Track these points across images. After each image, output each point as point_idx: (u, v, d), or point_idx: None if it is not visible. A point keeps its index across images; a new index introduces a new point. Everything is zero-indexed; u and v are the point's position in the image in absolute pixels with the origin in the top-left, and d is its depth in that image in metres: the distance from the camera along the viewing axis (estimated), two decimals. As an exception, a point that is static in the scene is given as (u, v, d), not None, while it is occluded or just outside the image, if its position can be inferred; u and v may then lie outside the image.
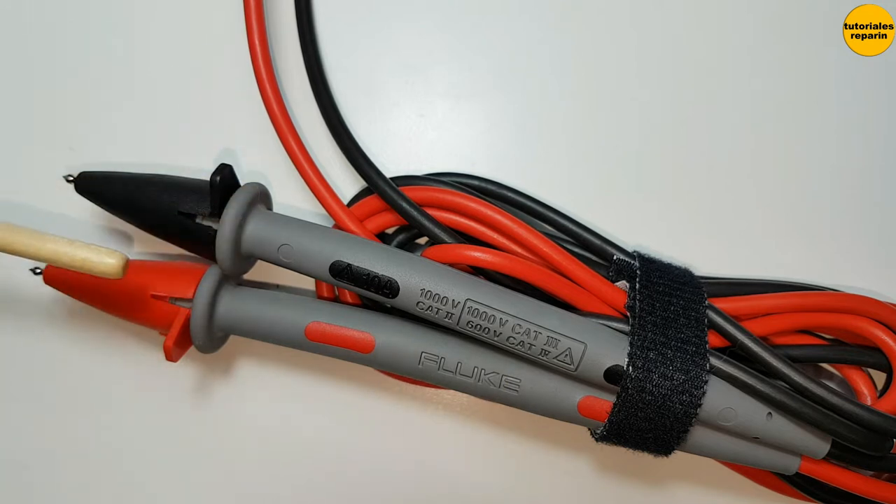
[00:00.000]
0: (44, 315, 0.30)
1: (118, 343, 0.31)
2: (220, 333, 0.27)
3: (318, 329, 0.26)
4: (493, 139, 0.30)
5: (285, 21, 0.29)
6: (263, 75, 0.27)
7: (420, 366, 0.25)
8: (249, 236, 0.25)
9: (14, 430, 0.31)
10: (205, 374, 0.31)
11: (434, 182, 0.27)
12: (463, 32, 0.30)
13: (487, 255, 0.25)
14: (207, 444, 0.31)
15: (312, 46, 0.29)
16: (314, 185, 0.27)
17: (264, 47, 0.27)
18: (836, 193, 0.29)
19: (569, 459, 0.31)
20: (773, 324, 0.27)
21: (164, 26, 0.29)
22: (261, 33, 0.27)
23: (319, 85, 0.28)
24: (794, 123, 0.29)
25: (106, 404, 0.31)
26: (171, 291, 0.26)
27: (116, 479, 0.31)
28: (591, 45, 0.29)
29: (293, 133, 0.27)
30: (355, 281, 0.24)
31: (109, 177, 0.27)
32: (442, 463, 0.31)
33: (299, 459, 0.31)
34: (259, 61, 0.27)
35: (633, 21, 0.29)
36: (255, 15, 0.27)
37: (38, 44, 0.29)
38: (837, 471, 0.27)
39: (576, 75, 0.29)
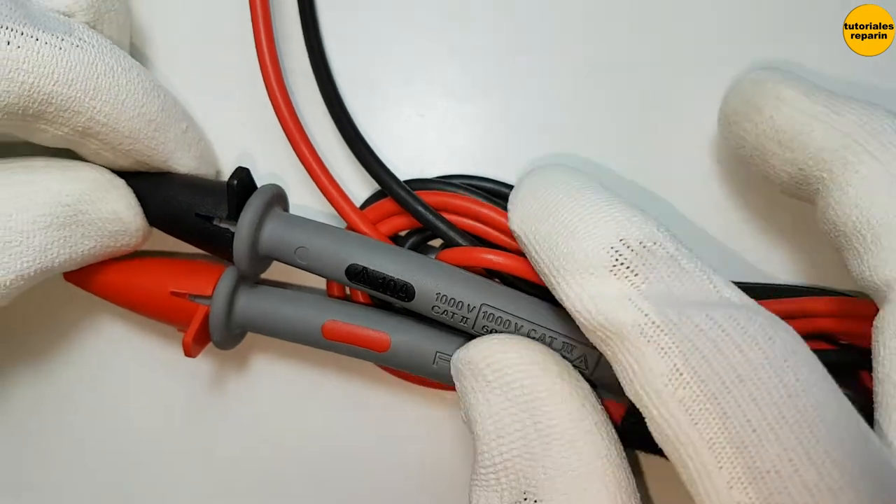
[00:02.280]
0: (62, 310, 0.31)
1: (133, 338, 0.31)
2: (238, 331, 0.28)
3: (334, 328, 0.26)
4: (493, 139, 0.30)
5: (291, 25, 0.29)
6: (274, 86, 0.27)
7: (435, 365, 0.26)
8: (266, 239, 0.25)
9: (29, 426, 0.32)
10: (219, 369, 0.31)
11: (445, 185, 0.28)
12: (463, 32, 0.30)
13: (501, 258, 0.25)
14: (221, 437, 0.31)
15: (320, 52, 0.29)
16: (328, 191, 0.27)
17: (272, 52, 0.27)
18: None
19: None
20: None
21: (175, 29, 0.30)
22: (268, 36, 0.27)
23: (329, 90, 0.28)
24: None
25: (121, 399, 0.31)
26: (191, 288, 0.27)
27: (129, 473, 0.32)
28: (591, 44, 0.30)
29: (305, 140, 0.27)
30: (371, 284, 0.25)
31: (125, 175, 0.27)
32: (450, 459, 0.31)
33: (309, 455, 0.31)
34: (269, 69, 0.27)
35: (633, 21, 0.29)
36: (261, 18, 0.27)
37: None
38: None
39: (576, 75, 0.30)
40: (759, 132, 0.24)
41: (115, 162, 0.26)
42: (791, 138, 0.23)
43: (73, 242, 0.24)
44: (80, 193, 0.24)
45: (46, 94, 0.22)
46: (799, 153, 0.23)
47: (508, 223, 0.25)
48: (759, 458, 0.18)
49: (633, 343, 0.20)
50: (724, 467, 0.18)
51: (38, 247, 0.23)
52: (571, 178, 0.23)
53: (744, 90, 0.26)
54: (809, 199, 0.24)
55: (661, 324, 0.19)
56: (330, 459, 0.31)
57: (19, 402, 0.32)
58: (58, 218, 0.24)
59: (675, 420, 0.19)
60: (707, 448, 0.18)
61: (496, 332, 0.25)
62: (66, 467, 0.32)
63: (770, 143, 0.24)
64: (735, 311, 0.20)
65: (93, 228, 0.25)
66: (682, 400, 0.19)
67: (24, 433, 0.32)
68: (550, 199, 0.23)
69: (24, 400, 0.32)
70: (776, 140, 0.24)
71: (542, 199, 0.23)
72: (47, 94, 0.22)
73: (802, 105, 0.23)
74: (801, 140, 0.23)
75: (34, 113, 0.22)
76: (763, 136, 0.24)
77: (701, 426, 0.18)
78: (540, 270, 0.23)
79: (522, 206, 0.24)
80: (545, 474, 0.21)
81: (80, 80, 0.23)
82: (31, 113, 0.22)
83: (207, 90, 0.30)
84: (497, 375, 0.22)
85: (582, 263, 0.21)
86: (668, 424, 0.19)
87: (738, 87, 0.26)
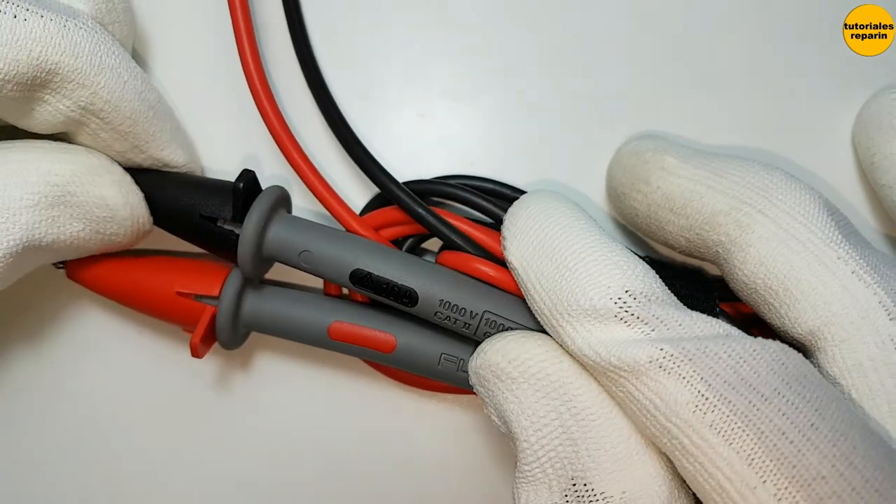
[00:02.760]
0: (65, 309, 0.31)
1: (138, 338, 0.31)
2: (244, 331, 0.28)
3: (341, 328, 0.26)
4: (492, 139, 0.30)
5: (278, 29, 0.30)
6: (261, 96, 0.27)
7: (439, 367, 0.26)
8: (271, 242, 0.25)
9: (33, 423, 0.32)
10: (224, 369, 0.31)
11: (442, 185, 0.28)
12: (462, 32, 0.30)
13: (493, 271, 0.25)
14: (225, 436, 0.32)
15: (308, 53, 0.29)
16: (327, 202, 0.27)
17: (257, 61, 0.27)
18: (837, 192, 0.29)
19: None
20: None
21: (166, 36, 0.30)
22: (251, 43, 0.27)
23: (322, 94, 0.28)
24: (794, 123, 0.29)
25: (125, 398, 0.32)
26: (197, 289, 0.27)
27: (134, 472, 0.32)
28: (592, 43, 0.30)
29: (297, 149, 0.27)
30: (375, 289, 0.25)
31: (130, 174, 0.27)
32: (456, 458, 0.31)
33: (313, 454, 0.31)
34: (254, 78, 0.27)
35: (634, 21, 0.30)
36: (243, 24, 0.27)
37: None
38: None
39: (576, 75, 0.30)
40: (649, 202, 0.25)
41: (112, 146, 0.26)
42: (682, 206, 0.24)
43: (60, 223, 0.24)
44: (70, 174, 0.24)
45: (54, 64, 0.23)
46: (693, 219, 0.24)
47: (503, 251, 0.24)
48: (802, 468, 0.18)
49: (651, 378, 0.20)
50: (768, 480, 0.18)
51: (24, 224, 0.23)
52: (572, 217, 0.23)
53: (625, 162, 0.26)
54: (713, 260, 0.24)
55: (679, 355, 0.20)
56: (333, 458, 0.31)
57: (19, 399, 0.32)
58: (46, 197, 0.24)
59: (708, 444, 0.19)
60: (747, 465, 0.19)
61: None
62: (64, 468, 0.32)
63: (663, 212, 0.24)
64: (746, 340, 0.20)
65: (81, 211, 0.25)
66: (713, 423, 0.19)
67: (23, 430, 0.32)
68: (551, 236, 0.23)
69: (24, 397, 0.32)
70: (668, 208, 0.24)
71: (542, 234, 0.23)
72: (54, 63, 0.23)
73: (686, 172, 0.24)
74: (693, 207, 0.24)
75: (41, 82, 0.23)
76: (655, 205, 0.25)
77: (736, 445, 0.19)
78: (537, 309, 0.23)
79: (520, 239, 0.24)
80: (589, 456, 0.21)
81: (85, 54, 0.23)
82: (38, 82, 0.23)
83: (207, 93, 0.30)
84: (521, 370, 0.22)
85: (587, 311, 0.21)
86: (701, 451, 0.19)
87: (618, 159, 0.27)
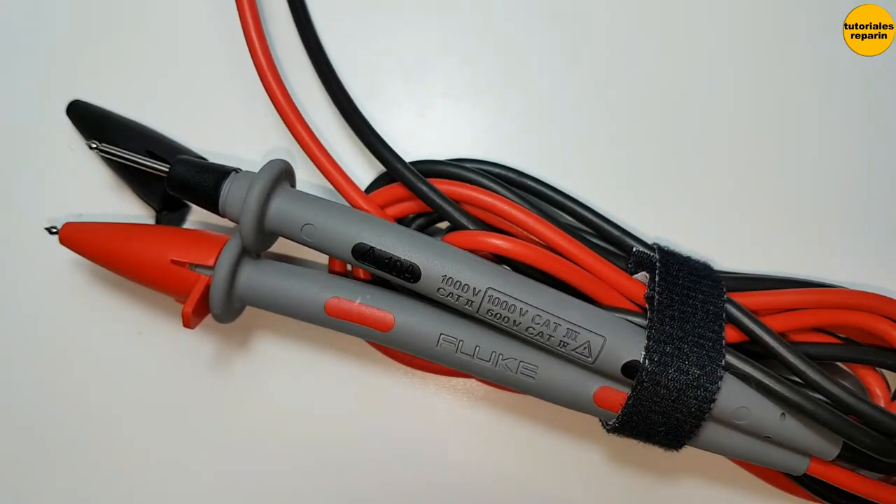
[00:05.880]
0: (57, 277, 0.30)
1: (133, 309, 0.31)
2: (239, 304, 0.27)
3: (337, 305, 0.26)
4: (493, 139, 0.30)
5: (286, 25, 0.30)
6: (268, 75, 0.27)
7: (438, 347, 0.25)
8: (273, 214, 0.25)
9: (26, 398, 0.31)
10: (221, 346, 0.31)
11: (456, 167, 0.27)
12: (463, 32, 0.30)
13: (505, 243, 0.25)
14: (223, 414, 0.31)
15: (316, 43, 0.29)
16: (332, 177, 0.27)
17: (265, 48, 0.27)
18: (838, 192, 0.30)
19: (579, 449, 0.31)
20: (792, 320, 0.26)
21: (168, 23, 0.30)
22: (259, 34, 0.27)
23: (327, 73, 0.29)
24: (794, 123, 0.30)
25: (119, 372, 0.31)
26: (192, 258, 0.26)
27: (127, 449, 0.31)
28: (593, 43, 0.30)
29: (304, 125, 0.27)
30: (377, 264, 0.25)
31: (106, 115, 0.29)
32: (452, 443, 0.31)
33: (312, 435, 0.31)
34: (261, 59, 0.27)
35: (635, 21, 0.30)
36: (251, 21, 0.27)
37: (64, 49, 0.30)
38: (846, 474, 0.26)
39: (577, 74, 0.30)
40: None
41: None
42: None
43: None
44: None
45: None
46: None
47: None
48: None
49: None
50: None
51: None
52: None
53: None
54: None
55: None
56: (330, 439, 0.31)
57: (18, 396, 0.31)
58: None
59: None
60: None
61: (501, 315, 0.24)
62: (62, 444, 0.31)
63: None
64: None
65: None
66: None
67: (23, 430, 0.32)
68: None
69: (24, 392, 0.31)
70: None
71: None
72: None
73: None
74: None
75: None
76: None
77: None
78: None
79: None
80: None
81: None
82: None
83: (213, 70, 0.30)
84: None
85: None
86: None
87: None
